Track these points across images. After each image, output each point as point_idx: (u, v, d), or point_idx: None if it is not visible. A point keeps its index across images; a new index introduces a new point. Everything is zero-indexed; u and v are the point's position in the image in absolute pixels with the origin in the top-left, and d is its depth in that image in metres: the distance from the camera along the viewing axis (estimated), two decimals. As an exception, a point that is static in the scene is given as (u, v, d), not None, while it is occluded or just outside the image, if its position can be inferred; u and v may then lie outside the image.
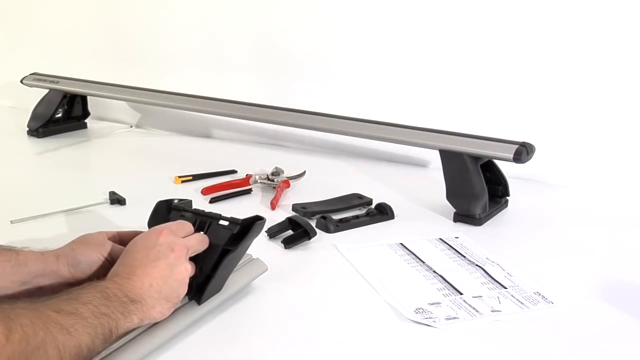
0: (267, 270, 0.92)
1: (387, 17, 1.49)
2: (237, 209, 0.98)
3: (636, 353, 0.80)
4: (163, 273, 0.76)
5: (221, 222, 0.84)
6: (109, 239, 0.85)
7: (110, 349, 0.71)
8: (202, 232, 0.84)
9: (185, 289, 0.78)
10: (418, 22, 1.46)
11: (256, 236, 0.85)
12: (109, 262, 0.82)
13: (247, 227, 0.83)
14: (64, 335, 0.63)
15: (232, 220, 0.84)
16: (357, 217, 1.17)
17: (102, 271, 0.81)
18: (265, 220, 0.85)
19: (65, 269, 0.80)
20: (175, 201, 0.89)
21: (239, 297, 0.89)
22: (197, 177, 1.37)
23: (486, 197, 1.17)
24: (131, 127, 1.85)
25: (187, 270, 0.78)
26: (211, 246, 0.82)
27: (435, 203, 1.23)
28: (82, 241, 0.84)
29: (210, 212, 0.86)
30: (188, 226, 0.82)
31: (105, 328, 0.67)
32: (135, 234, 0.84)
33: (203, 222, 0.85)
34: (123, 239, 0.86)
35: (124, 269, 0.76)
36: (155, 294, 0.74)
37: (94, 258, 0.82)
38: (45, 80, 1.75)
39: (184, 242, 0.79)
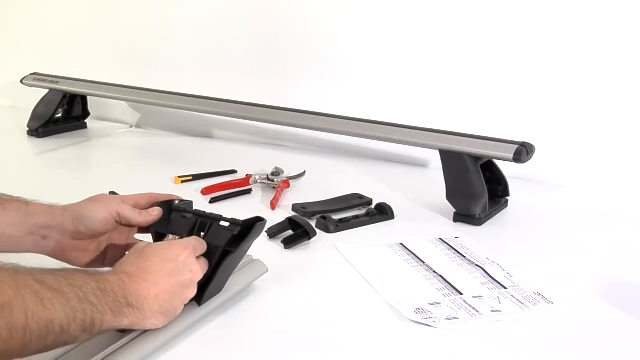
0: (267, 271, 0.92)
1: (387, 17, 1.49)
2: (237, 209, 0.98)
3: (636, 353, 0.80)
4: (172, 290, 0.75)
5: (222, 223, 0.84)
6: (125, 201, 0.86)
7: (110, 348, 0.71)
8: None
9: (182, 308, 0.78)
10: (418, 22, 1.46)
11: (257, 237, 0.85)
12: (116, 222, 0.84)
13: (248, 229, 0.83)
14: (37, 304, 0.61)
15: (232, 222, 0.84)
16: (357, 217, 1.17)
17: (108, 229, 0.84)
18: (266, 222, 0.85)
19: (70, 223, 0.83)
20: (177, 202, 0.89)
21: (239, 297, 0.89)
22: (197, 177, 1.37)
23: (486, 197, 1.17)
24: (131, 127, 1.85)
25: (194, 293, 0.78)
26: (212, 247, 0.81)
27: (435, 203, 1.23)
28: (93, 199, 0.87)
29: (211, 213, 0.85)
30: (204, 245, 0.82)
31: (87, 316, 0.65)
32: (150, 196, 0.87)
33: (204, 223, 0.84)
34: (138, 203, 0.87)
35: (135, 270, 0.74)
36: (157, 307, 0.73)
37: (100, 216, 0.83)
38: (45, 80, 1.75)
39: (201, 265, 0.79)
